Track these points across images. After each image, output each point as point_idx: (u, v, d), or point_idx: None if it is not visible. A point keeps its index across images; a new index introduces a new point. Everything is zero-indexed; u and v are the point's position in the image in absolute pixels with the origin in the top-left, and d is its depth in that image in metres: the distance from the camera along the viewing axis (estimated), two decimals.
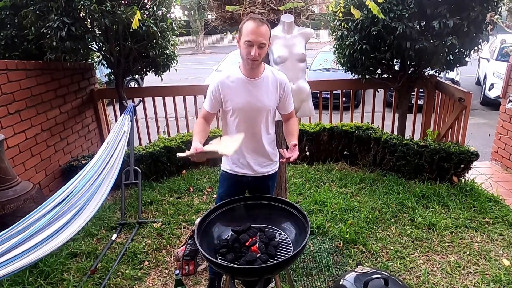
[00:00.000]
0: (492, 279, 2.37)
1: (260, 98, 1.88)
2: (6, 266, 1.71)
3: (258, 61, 1.79)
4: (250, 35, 1.72)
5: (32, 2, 3.14)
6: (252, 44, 1.73)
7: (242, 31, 1.77)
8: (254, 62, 1.79)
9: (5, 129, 2.87)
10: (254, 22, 1.73)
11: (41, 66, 3.36)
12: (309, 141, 4.14)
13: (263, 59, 1.88)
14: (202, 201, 3.50)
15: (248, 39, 1.73)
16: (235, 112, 1.89)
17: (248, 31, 1.73)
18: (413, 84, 4.12)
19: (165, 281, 2.48)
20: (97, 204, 2.34)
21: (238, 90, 1.87)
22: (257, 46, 1.74)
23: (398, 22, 3.34)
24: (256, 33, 1.72)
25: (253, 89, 1.87)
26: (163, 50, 3.91)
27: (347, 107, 4.70)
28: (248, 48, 1.75)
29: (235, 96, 1.87)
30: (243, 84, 1.87)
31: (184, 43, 21.71)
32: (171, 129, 4.56)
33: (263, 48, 1.77)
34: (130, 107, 3.23)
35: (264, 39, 1.75)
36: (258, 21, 1.74)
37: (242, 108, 1.88)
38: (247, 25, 1.75)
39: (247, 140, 1.94)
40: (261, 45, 1.75)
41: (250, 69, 1.84)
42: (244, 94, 1.87)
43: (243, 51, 1.78)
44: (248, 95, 1.87)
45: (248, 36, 1.73)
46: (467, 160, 3.42)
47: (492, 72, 7.46)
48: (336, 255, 2.66)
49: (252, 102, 1.87)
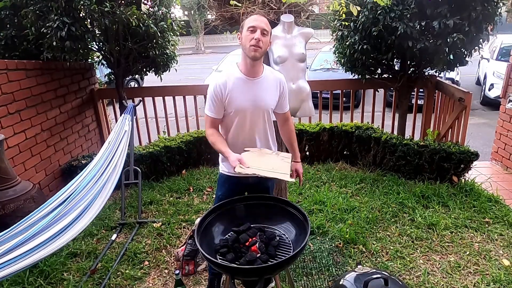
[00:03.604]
0: (492, 279, 2.37)
1: (263, 97, 1.87)
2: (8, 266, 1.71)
3: (261, 49, 1.77)
4: (253, 21, 1.77)
5: (32, 2, 3.13)
6: (255, 29, 1.76)
7: (244, 23, 1.81)
8: (257, 49, 1.75)
9: (5, 129, 2.87)
10: (256, 14, 1.88)
11: (41, 66, 3.36)
12: (309, 141, 4.14)
13: (263, 58, 1.88)
14: (202, 201, 3.50)
15: (251, 25, 1.76)
16: (237, 113, 1.87)
17: (251, 19, 1.79)
18: (413, 84, 4.12)
19: (165, 281, 2.48)
20: (100, 204, 2.33)
21: (240, 90, 1.84)
22: (260, 31, 1.75)
23: (399, 22, 3.34)
24: (259, 20, 1.78)
25: (255, 88, 1.86)
26: (163, 50, 3.91)
27: (347, 107, 4.70)
28: (251, 34, 1.76)
29: (238, 97, 1.84)
30: (245, 84, 1.85)
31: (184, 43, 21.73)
32: (171, 129, 4.56)
33: (265, 37, 1.78)
34: (130, 107, 3.23)
35: (266, 26, 1.78)
36: (260, 14, 1.88)
37: (245, 108, 1.86)
38: (249, 17, 1.83)
39: (248, 140, 1.94)
40: (264, 32, 1.77)
41: (251, 64, 1.81)
42: (246, 93, 1.85)
43: (245, 39, 1.77)
44: (251, 95, 1.85)
45: (251, 23, 1.77)
46: (467, 160, 3.42)
47: (492, 72, 7.46)
48: (336, 255, 2.66)
49: (255, 102, 1.86)
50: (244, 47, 1.79)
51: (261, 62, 1.87)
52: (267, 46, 1.82)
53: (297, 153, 2.09)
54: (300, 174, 2.08)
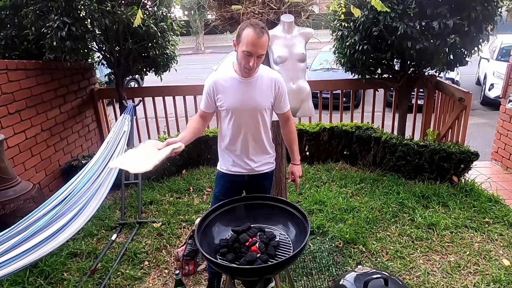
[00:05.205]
0: (492, 279, 2.37)
1: (254, 97, 1.87)
2: (7, 266, 1.72)
3: (254, 70, 1.80)
4: (250, 46, 1.69)
5: (32, 2, 3.14)
6: (251, 55, 1.72)
7: (242, 39, 1.71)
8: (250, 72, 1.80)
9: (5, 129, 2.87)
10: (254, 32, 1.68)
11: (41, 66, 3.36)
12: (309, 141, 4.14)
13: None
14: (202, 201, 3.50)
15: (248, 50, 1.70)
16: (229, 112, 1.89)
17: (248, 42, 1.69)
18: (413, 84, 4.12)
19: (165, 281, 2.48)
20: (97, 204, 2.34)
21: (232, 89, 1.87)
22: (255, 57, 1.73)
23: (399, 22, 3.34)
24: (257, 44, 1.69)
25: (247, 88, 1.87)
26: (163, 50, 3.91)
27: (347, 107, 4.70)
28: (246, 58, 1.73)
29: (229, 95, 1.87)
30: (237, 83, 1.87)
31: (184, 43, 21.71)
32: (171, 129, 4.56)
33: (261, 57, 1.78)
34: (130, 107, 3.23)
35: (263, 50, 1.74)
36: (259, 30, 1.68)
37: (236, 107, 1.87)
38: (248, 33, 1.69)
39: (243, 139, 1.94)
40: (260, 56, 1.75)
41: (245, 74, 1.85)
42: (237, 93, 1.86)
43: (240, 60, 1.77)
44: (241, 94, 1.86)
45: (247, 47, 1.70)
46: (467, 160, 3.41)
47: (492, 72, 7.45)
48: (336, 255, 2.66)
49: (245, 101, 1.87)
50: (239, 62, 1.81)
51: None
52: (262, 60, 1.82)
53: (295, 155, 2.08)
54: (297, 178, 2.08)
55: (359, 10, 2.44)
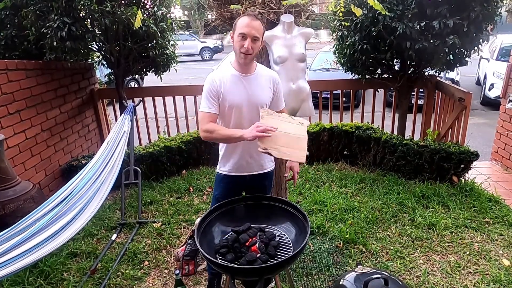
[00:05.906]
0: (492, 279, 2.37)
1: (256, 93, 1.89)
2: (7, 266, 1.71)
3: (251, 55, 1.80)
4: (244, 27, 1.76)
5: (32, 2, 3.14)
6: (246, 37, 1.76)
7: (236, 26, 1.80)
8: (247, 56, 1.80)
9: (5, 129, 2.87)
10: (248, 17, 1.78)
11: (41, 66, 3.36)
12: (309, 141, 4.11)
13: (256, 58, 1.88)
14: (202, 201, 3.50)
15: (242, 31, 1.76)
16: (232, 109, 1.89)
17: (242, 25, 1.77)
18: (413, 84, 4.12)
19: (165, 281, 2.48)
20: (97, 204, 2.34)
21: (234, 86, 1.87)
22: (250, 39, 1.76)
23: (398, 22, 3.34)
24: (250, 26, 1.75)
25: (248, 84, 1.88)
26: (163, 50, 3.91)
27: (347, 107, 4.70)
28: (241, 41, 1.77)
29: (231, 92, 1.87)
30: (238, 80, 1.88)
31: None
32: (171, 129, 4.56)
33: (256, 43, 1.79)
34: (130, 107, 3.23)
35: (257, 32, 1.77)
36: (252, 16, 1.79)
37: (239, 103, 1.87)
38: (241, 20, 1.79)
39: None
40: (254, 39, 1.77)
41: (243, 64, 1.85)
42: (240, 89, 1.87)
43: (236, 45, 1.80)
44: (244, 91, 1.87)
45: (241, 29, 1.76)
46: (467, 160, 3.42)
47: (492, 72, 7.45)
48: (336, 255, 2.66)
49: (248, 97, 1.87)
50: (235, 51, 1.83)
51: (252, 61, 1.90)
52: (258, 50, 1.84)
53: None
54: (295, 173, 2.06)
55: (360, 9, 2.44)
